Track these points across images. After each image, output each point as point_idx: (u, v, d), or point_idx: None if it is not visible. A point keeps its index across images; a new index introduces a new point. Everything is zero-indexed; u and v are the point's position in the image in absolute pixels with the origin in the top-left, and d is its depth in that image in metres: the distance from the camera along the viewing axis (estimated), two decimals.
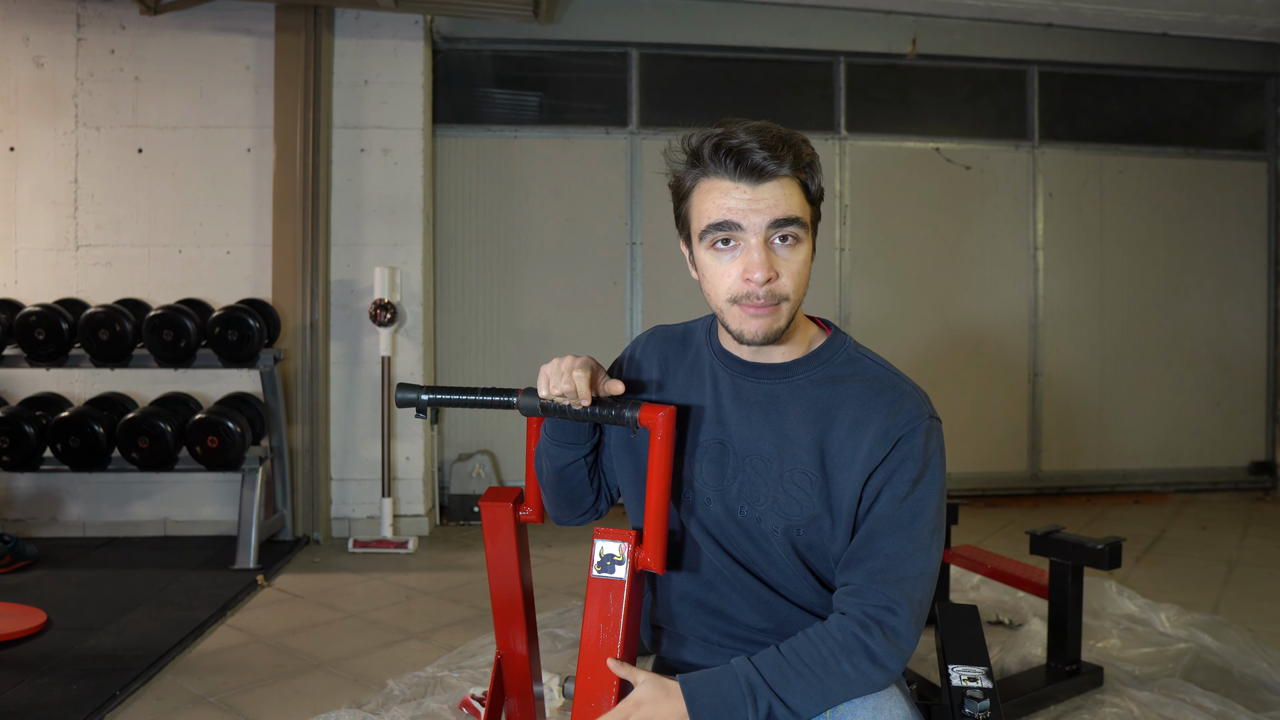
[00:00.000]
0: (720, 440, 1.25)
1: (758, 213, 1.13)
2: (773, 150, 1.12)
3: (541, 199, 4.85)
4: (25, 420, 3.78)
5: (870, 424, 1.18)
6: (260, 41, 4.25)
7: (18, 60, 4.24)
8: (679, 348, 1.34)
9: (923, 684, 2.42)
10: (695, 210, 1.18)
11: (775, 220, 1.13)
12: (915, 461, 1.16)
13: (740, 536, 1.24)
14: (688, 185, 1.19)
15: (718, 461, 1.24)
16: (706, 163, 1.15)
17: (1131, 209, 5.29)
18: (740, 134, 1.13)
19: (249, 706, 2.43)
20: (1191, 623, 2.91)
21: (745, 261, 1.14)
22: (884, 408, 1.18)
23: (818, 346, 1.26)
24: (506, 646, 1.49)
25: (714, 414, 1.26)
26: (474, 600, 3.38)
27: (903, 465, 1.16)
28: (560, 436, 1.32)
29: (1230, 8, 4.86)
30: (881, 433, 1.17)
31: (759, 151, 1.11)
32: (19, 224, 4.25)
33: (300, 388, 4.20)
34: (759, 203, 1.13)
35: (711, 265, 1.17)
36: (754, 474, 1.22)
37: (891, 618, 1.13)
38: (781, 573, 1.25)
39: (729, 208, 1.13)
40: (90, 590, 3.40)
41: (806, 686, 1.11)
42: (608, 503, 1.42)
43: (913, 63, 5.08)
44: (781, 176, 1.13)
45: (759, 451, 1.22)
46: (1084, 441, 5.28)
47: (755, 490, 1.22)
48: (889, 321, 5.03)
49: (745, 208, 1.13)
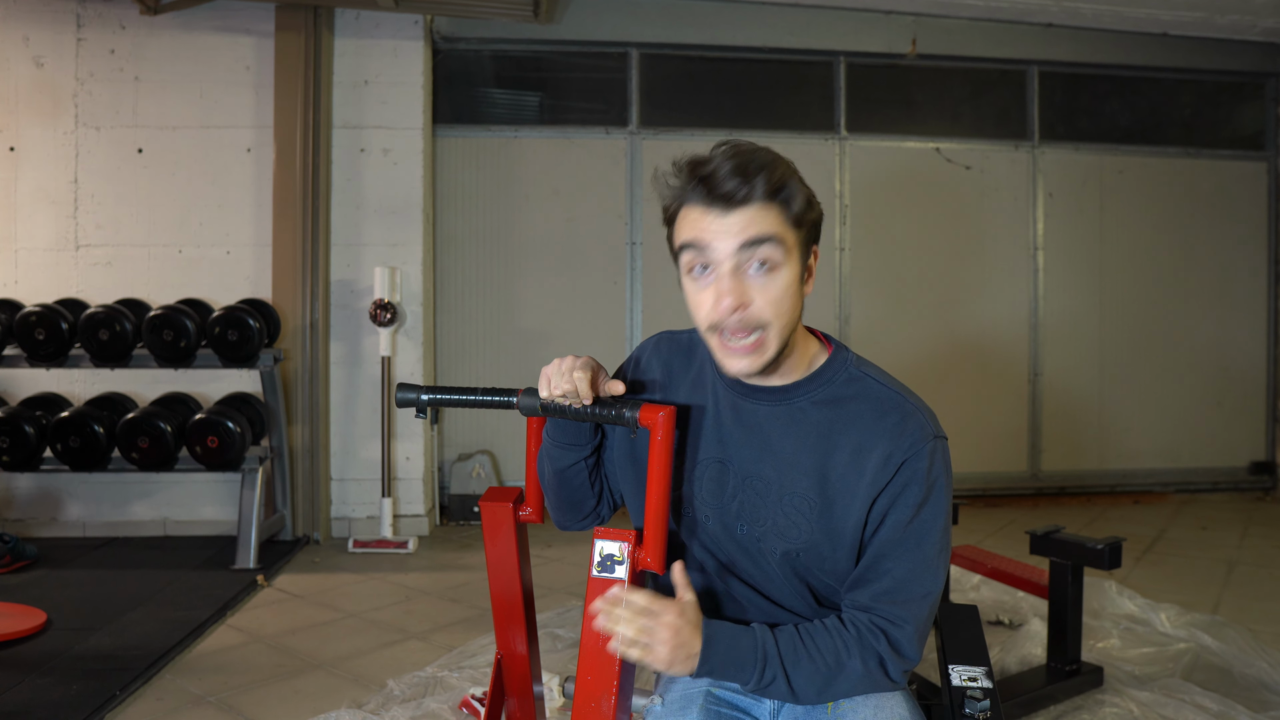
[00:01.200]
0: (720, 459, 1.24)
1: (727, 236, 1.10)
2: (742, 177, 1.10)
3: (541, 199, 4.85)
4: (25, 420, 3.78)
5: (873, 449, 1.16)
6: (260, 41, 4.25)
7: (18, 60, 4.24)
8: (684, 358, 1.32)
9: (923, 684, 2.42)
10: (675, 236, 1.17)
11: (744, 243, 1.10)
12: (919, 486, 1.15)
13: (738, 554, 1.24)
14: (671, 211, 1.18)
15: (718, 480, 1.24)
16: (685, 191, 1.14)
17: (1131, 209, 5.29)
18: (716, 160, 1.12)
19: (249, 706, 2.43)
20: (1191, 623, 2.91)
21: (716, 288, 1.12)
22: (887, 431, 1.16)
23: (819, 366, 1.23)
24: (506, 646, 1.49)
25: (714, 432, 1.25)
26: (474, 600, 3.38)
27: (907, 490, 1.15)
28: (562, 438, 1.32)
29: (1230, 8, 4.86)
30: (885, 457, 1.15)
31: (729, 180, 1.10)
32: (19, 224, 4.25)
33: (300, 388, 4.20)
34: (729, 227, 1.11)
35: (690, 292, 1.16)
36: (754, 495, 1.21)
37: (898, 632, 1.14)
38: (779, 590, 1.25)
39: (698, 230, 1.12)
40: (90, 590, 3.40)
41: (814, 671, 1.13)
42: (610, 508, 1.41)
43: (913, 63, 5.08)
44: (754, 202, 1.11)
45: (759, 473, 1.21)
46: (1084, 441, 5.28)
47: (756, 511, 1.21)
48: (889, 322, 5.03)
49: (715, 229, 1.11)
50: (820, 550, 1.19)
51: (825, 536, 1.18)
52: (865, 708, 1.17)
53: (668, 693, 1.30)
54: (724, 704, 1.26)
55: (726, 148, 1.14)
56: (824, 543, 1.18)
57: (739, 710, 1.27)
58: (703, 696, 1.25)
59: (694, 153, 1.16)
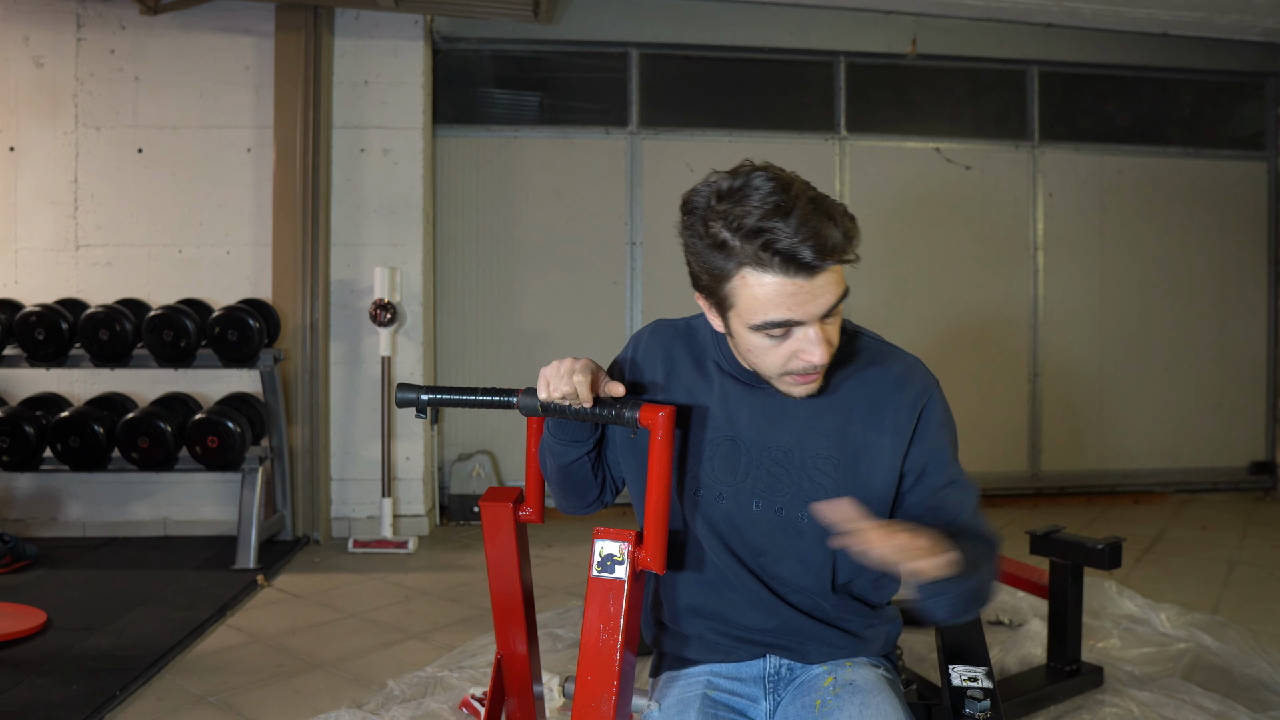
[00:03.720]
0: (730, 437, 1.25)
1: (815, 304, 1.10)
2: (829, 250, 1.07)
3: (541, 199, 4.85)
4: (25, 420, 3.78)
5: (887, 399, 1.24)
6: (260, 41, 4.25)
7: (18, 60, 4.24)
8: (683, 345, 1.33)
9: (923, 684, 2.41)
10: (742, 299, 1.12)
11: (828, 310, 1.11)
12: (942, 426, 1.25)
13: (752, 532, 1.25)
14: (728, 269, 1.11)
15: (729, 458, 1.25)
16: (751, 257, 1.08)
17: (1131, 209, 5.29)
18: (788, 231, 1.06)
19: (249, 706, 2.43)
20: (1191, 623, 2.90)
21: (802, 344, 1.13)
22: (896, 382, 1.24)
23: None
24: (506, 646, 1.49)
25: (722, 411, 1.26)
26: (474, 600, 3.37)
27: (938, 433, 1.25)
28: (563, 435, 1.32)
29: (1230, 8, 4.86)
30: (903, 407, 1.23)
31: (811, 254, 1.06)
32: (19, 224, 4.24)
33: (300, 388, 4.20)
34: (815, 294, 1.09)
35: (762, 346, 1.15)
36: (773, 466, 1.23)
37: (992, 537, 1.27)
38: (792, 569, 1.25)
39: (788, 306, 1.09)
40: (90, 590, 3.40)
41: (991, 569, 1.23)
42: (613, 494, 1.42)
43: (913, 63, 5.08)
44: (831, 266, 1.10)
45: (776, 443, 1.23)
46: (1084, 441, 5.28)
47: (776, 482, 1.23)
48: (889, 321, 5.02)
49: (802, 302, 1.09)
50: None
51: (851, 494, 1.20)
52: (851, 705, 1.18)
53: (664, 697, 1.30)
54: (720, 706, 1.26)
55: (795, 214, 1.06)
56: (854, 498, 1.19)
57: (735, 712, 1.27)
58: (699, 700, 1.25)
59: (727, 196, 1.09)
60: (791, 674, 1.30)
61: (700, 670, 1.31)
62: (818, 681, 1.26)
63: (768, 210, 1.06)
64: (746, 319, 1.13)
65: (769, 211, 1.06)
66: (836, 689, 1.22)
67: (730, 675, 1.30)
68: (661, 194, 4.87)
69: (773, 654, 1.30)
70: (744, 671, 1.30)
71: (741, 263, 1.09)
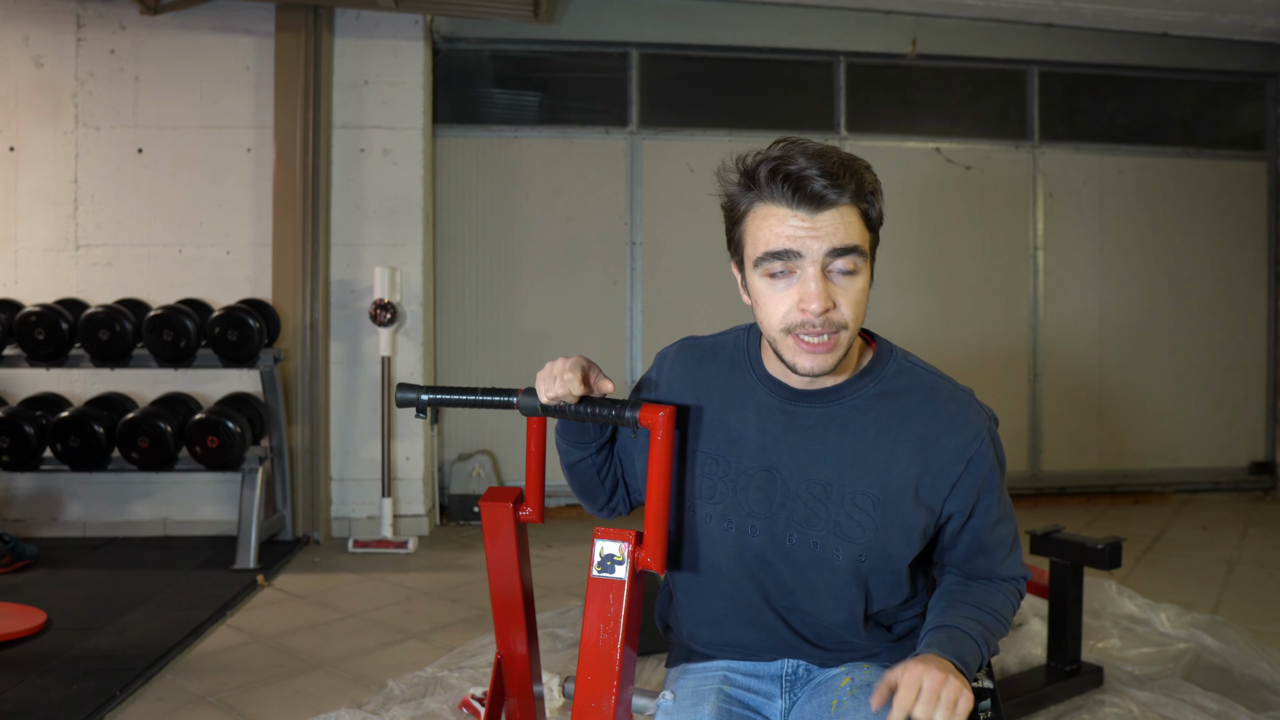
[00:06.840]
0: (766, 468, 1.22)
1: (816, 239, 1.09)
2: (834, 178, 1.08)
3: (541, 199, 4.85)
4: (25, 420, 3.78)
5: (937, 441, 1.19)
6: (260, 41, 4.25)
7: (18, 60, 4.24)
8: (712, 367, 1.29)
9: None
10: (750, 236, 1.14)
11: (834, 249, 1.09)
12: (992, 471, 1.23)
13: (783, 566, 1.22)
14: (742, 209, 1.15)
15: (764, 490, 1.22)
16: (763, 187, 1.11)
17: (1131, 209, 5.29)
18: (800, 159, 1.09)
19: (249, 706, 2.43)
20: (1191, 623, 2.90)
21: (801, 291, 1.10)
22: (947, 423, 1.20)
23: (867, 362, 1.24)
24: (506, 646, 1.49)
25: (758, 441, 1.23)
26: (474, 600, 3.38)
27: (987, 478, 1.22)
28: (568, 436, 1.33)
29: (1230, 8, 4.86)
30: (954, 451, 1.20)
31: (819, 179, 1.08)
32: (19, 224, 4.24)
33: (300, 388, 4.20)
34: (818, 230, 1.09)
35: (766, 293, 1.14)
36: (810, 499, 1.20)
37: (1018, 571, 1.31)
38: (824, 604, 1.23)
39: (787, 235, 1.09)
40: (90, 590, 3.40)
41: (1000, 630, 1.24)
42: (626, 504, 1.41)
43: (913, 63, 5.08)
44: (842, 205, 1.10)
45: (815, 476, 1.20)
46: (1084, 441, 5.28)
47: (812, 516, 1.20)
48: (888, 322, 5.02)
49: (804, 235, 1.09)
50: (885, 548, 1.20)
51: (888, 533, 1.19)
52: (867, 707, 1.18)
53: (680, 688, 1.29)
54: (735, 702, 1.25)
55: (802, 145, 1.11)
56: (887, 539, 1.19)
57: (750, 709, 1.27)
58: (715, 694, 1.24)
59: (759, 150, 1.14)
60: (809, 674, 1.30)
61: (718, 665, 1.31)
62: (834, 682, 1.26)
63: (789, 145, 1.12)
64: (752, 254, 1.14)
65: (790, 145, 1.12)
66: (854, 690, 1.22)
67: (747, 672, 1.30)
68: (661, 194, 4.87)
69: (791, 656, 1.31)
70: (761, 670, 1.31)
71: (756, 197, 1.13)
